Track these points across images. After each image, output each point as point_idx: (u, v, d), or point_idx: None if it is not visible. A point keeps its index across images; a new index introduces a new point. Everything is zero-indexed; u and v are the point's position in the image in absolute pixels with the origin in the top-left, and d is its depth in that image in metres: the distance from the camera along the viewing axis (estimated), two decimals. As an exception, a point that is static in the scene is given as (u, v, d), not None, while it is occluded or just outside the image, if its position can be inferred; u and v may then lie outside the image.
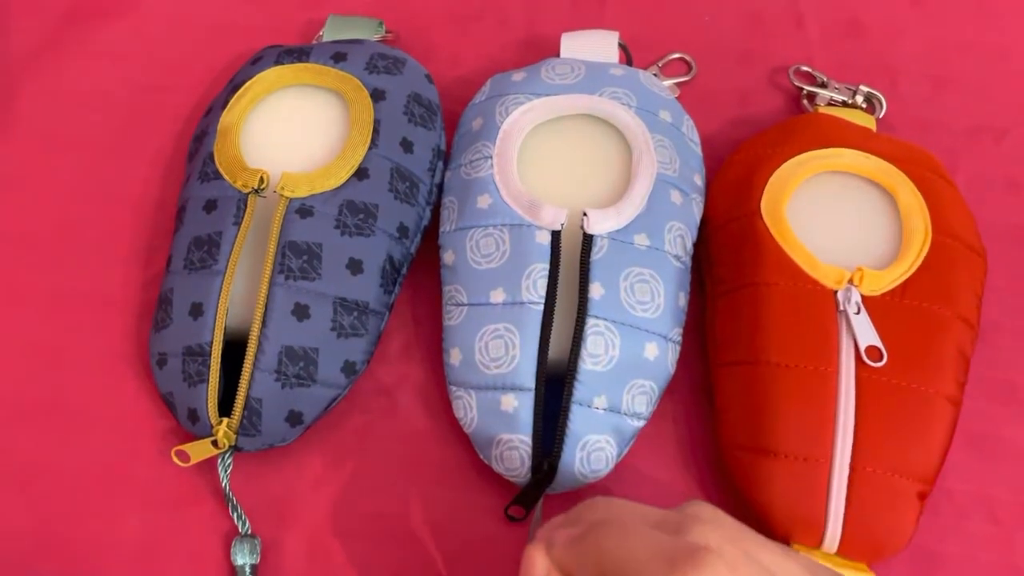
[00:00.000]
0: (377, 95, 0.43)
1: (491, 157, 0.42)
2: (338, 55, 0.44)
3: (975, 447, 0.41)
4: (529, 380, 0.38)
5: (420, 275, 0.44)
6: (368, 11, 0.50)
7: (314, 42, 0.47)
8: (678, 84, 0.49)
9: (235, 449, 0.39)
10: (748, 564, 0.27)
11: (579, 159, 0.42)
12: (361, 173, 0.41)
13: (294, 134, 0.43)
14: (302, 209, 0.40)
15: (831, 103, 0.47)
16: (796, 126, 0.45)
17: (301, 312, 0.39)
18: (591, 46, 0.46)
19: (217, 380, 0.38)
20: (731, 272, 0.41)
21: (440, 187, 0.44)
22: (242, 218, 0.40)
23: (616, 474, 0.40)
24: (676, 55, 0.50)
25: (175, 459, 0.38)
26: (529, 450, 0.37)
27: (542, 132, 0.43)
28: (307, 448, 0.41)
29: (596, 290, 0.38)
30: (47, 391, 0.43)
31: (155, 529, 0.40)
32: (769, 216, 0.41)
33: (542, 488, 0.38)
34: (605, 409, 0.38)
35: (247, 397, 0.38)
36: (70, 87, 0.50)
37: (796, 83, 0.48)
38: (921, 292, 0.39)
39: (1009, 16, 0.51)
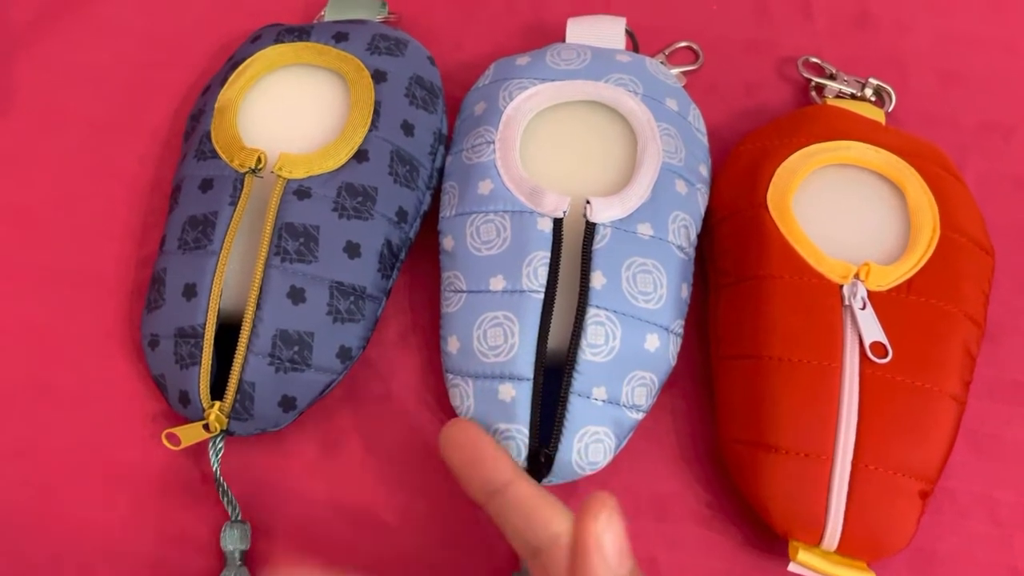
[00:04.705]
0: (378, 76, 0.42)
1: (493, 142, 0.41)
2: (339, 35, 0.43)
3: (978, 447, 0.41)
4: (528, 369, 0.37)
5: (418, 261, 0.44)
6: (371, -9, 0.49)
7: (315, 21, 0.46)
8: (684, 73, 0.48)
9: (226, 433, 0.38)
10: None
11: (583, 146, 0.41)
12: (361, 155, 0.40)
13: (293, 114, 0.42)
14: (300, 191, 0.39)
15: (840, 95, 0.46)
16: (804, 118, 0.44)
17: (296, 295, 0.38)
18: (597, 32, 0.45)
19: (209, 363, 0.37)
20: (735, 264, 0.41)
21: (441, 172, 0.43)
22: (238, 198, 0.39)
23: (613, 466, 0.39)
24: (683, 44, 0.49)
25: (165, 442, 0.37)
26: (526, 440, 0.37)
27: (546, 118, 0.42)
28: (300, 434, 0.41)
29: (598, 279, 0.38)
30: (36, 370, 0.42)
31: (144, 513, 0.39)
32: (775, 208, 0.40)
33: (539, 479, 0.37)
34: (604, 400, 0.37)
35: (240, 381, 0.37)
36: (67, 62, 0.49)
37: (804, 74, 0.47)
38: (928, 288, 0.38)
39: (1021, 11, 0.50)
